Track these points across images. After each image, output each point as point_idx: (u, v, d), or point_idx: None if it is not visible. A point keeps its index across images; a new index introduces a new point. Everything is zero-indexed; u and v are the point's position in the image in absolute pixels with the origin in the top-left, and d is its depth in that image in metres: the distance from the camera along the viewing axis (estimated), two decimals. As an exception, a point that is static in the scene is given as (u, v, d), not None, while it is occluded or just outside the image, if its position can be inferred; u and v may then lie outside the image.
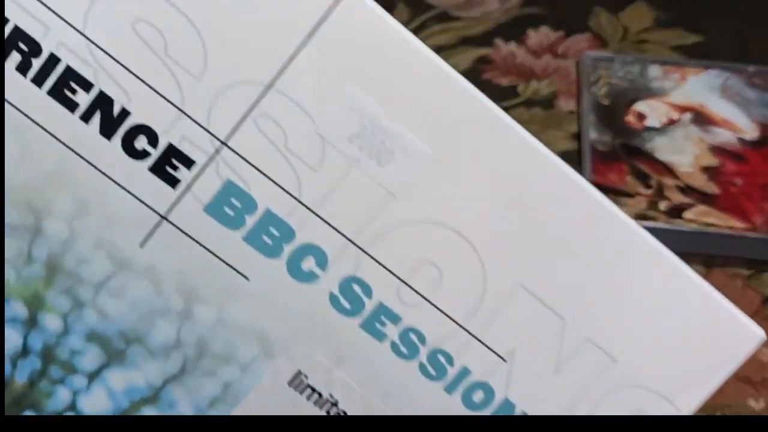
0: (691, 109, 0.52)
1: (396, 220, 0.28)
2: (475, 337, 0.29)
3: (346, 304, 0.29)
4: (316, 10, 0.26)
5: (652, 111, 0.52)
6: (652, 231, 0.28)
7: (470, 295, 0.29)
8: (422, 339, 0.29)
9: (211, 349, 0.29)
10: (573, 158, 0.50)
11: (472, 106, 0.27)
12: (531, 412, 0.29)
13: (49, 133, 0.27)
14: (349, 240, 0.28)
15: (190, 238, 0.28)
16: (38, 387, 0.30)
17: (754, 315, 0.31)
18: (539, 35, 0.56)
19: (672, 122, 0.51)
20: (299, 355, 0.30)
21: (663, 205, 0.48)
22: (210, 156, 0.27)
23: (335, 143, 0.27)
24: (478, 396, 0.29)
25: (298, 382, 0.30)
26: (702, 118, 0.52)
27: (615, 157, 0.50)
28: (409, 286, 0.29)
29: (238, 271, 0.29)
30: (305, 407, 0.29)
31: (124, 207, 0.28)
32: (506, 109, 0.27)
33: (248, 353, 0.29)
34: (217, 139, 0.27)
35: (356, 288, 0.29)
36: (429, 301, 0.29)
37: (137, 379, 0.30)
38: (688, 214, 0.47)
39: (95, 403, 0.30)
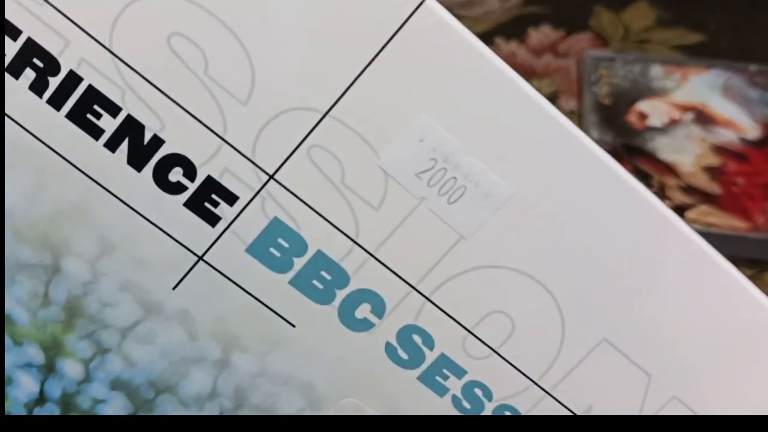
0: (693, 108, 0.49)
1: (465, 264, 0.23)
2: (549, 394, 0.24)
3: (404, 355, 0.24)
4: (383, 25, 0.21)
5: (653, 111, 0.49)
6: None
7: (546, 348, 0.24)
8: (488, 394, 0.24)
9: (250, 401, 0.25)
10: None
11: (563, 142, 0.22)
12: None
13: (69, 162, 0.22)
14: (411, 286, 0.23)
15: (230, 280, 0.23)
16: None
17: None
18: (540, 34, 0.53)
19: (674, 122, 0.48)
20: (349, 409, 0.25)
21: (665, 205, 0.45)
22: (255, 191, 0.22)
23: (400, 178, 0.22)
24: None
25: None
26: (704, 118, 0.49)
27: (616, 156, 0.46)
28: (477, 337, 0.24)
29: (283, 318, 0.24)
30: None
31: (155, 246, 0.23)
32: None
33: (292, 406, 0.25)
34: (264, 172, 0.22)
35: (416, 338, 0.24)
36: (498, 354, 0.24)
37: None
38: (690, 214, 0.44)
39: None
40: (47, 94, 0.21)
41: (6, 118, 0.22)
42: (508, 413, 0.25)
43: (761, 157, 0.47)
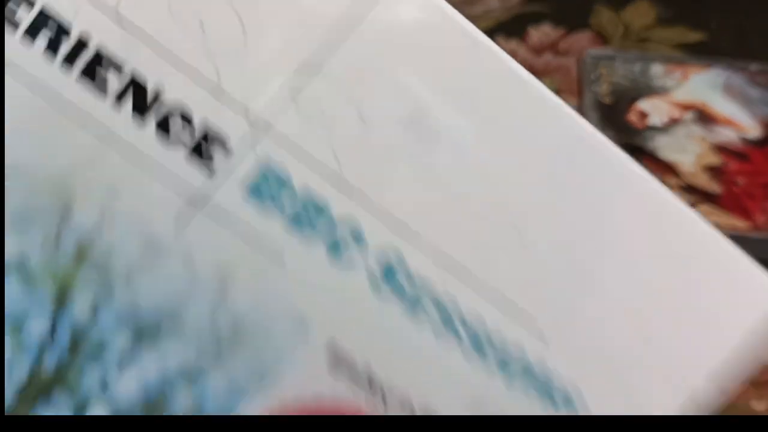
0: (694, 107, 0.48)
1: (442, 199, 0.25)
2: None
3: (389, 288, 0.26)
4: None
5: (654, 109, 0.48)
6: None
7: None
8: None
9: (247, 331, 0.27)
10: (576, 157, 0.47)
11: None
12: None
13: (79, 117, 0.24)
14: (396, 221, 0.25)
15: (228, 223, 0.25)
16: (67, 373, 0.27)
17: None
18: (540, 33, 0.53)
19: (674, 121, 0.48)
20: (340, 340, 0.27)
21: (666, 205, 0.45)
22: (250, 140, 0.24)
23: (381, 126, 0.24)
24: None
25: (338, 367, 0.27)
26: (704, 117, 0.48)
27: (616, 155, 0.47)
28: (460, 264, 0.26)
29: (276, 256, 0.26)
30: (345, 393, 0.27)
31: (159, 193, 0.25)
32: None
33: (286, 339, 0.27)
34: (258, 122, 0.24)
35: (400, 272, 0.26)
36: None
37: (171, 361, 0.27)
38: (691, 214, 0.45)
39: (127, 386, 0.27)
40: (60, 57, 0.23)
41: (17, 81, 0.23)
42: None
43: (762, 156, 0.46)
